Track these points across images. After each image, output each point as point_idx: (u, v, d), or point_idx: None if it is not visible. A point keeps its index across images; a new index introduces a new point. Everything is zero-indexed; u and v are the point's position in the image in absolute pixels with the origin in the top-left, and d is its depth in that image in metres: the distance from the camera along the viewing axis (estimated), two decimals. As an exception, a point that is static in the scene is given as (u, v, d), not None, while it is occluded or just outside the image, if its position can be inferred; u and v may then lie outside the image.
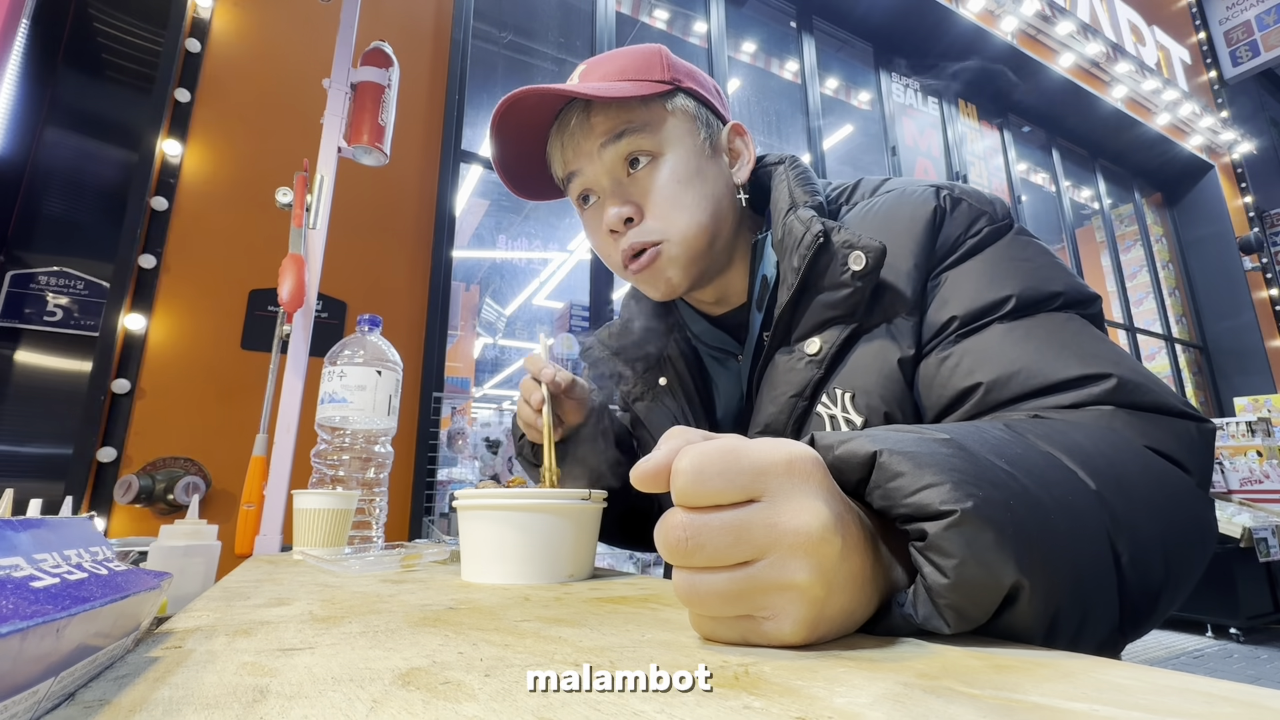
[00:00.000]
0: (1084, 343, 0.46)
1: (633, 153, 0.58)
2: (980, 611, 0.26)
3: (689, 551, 0.25)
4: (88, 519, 0.30)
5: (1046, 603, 0.27)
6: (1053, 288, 0.49)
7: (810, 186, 0.60)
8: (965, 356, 0.48)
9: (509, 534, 0.49)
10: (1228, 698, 0.18)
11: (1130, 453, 0.37)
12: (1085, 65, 4.58)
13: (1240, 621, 2.93)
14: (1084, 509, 0.31)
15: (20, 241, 1.77)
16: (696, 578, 0.26)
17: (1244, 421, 4.09)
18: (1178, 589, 0.35)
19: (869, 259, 0.50)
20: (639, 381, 0.70)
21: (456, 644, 0.28)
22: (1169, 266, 5.49)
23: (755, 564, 0.25)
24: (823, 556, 0.25)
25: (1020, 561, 0.25)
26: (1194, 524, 0.37)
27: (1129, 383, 0.42)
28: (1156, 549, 0.33)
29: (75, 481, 1.52)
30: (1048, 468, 0.31)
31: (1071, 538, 0.29)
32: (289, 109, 1.96)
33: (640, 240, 0.58)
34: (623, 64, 0.59)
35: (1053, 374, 0.43)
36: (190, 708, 0.20)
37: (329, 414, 0.85)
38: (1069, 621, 0.28)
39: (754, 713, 0.18)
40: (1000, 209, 0.55)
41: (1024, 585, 0.26)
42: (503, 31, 2.91)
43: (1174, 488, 0.37)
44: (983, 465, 0.28)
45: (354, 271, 1.99)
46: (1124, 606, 0.31)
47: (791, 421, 0.55)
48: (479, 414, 2.57)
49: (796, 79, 3.63)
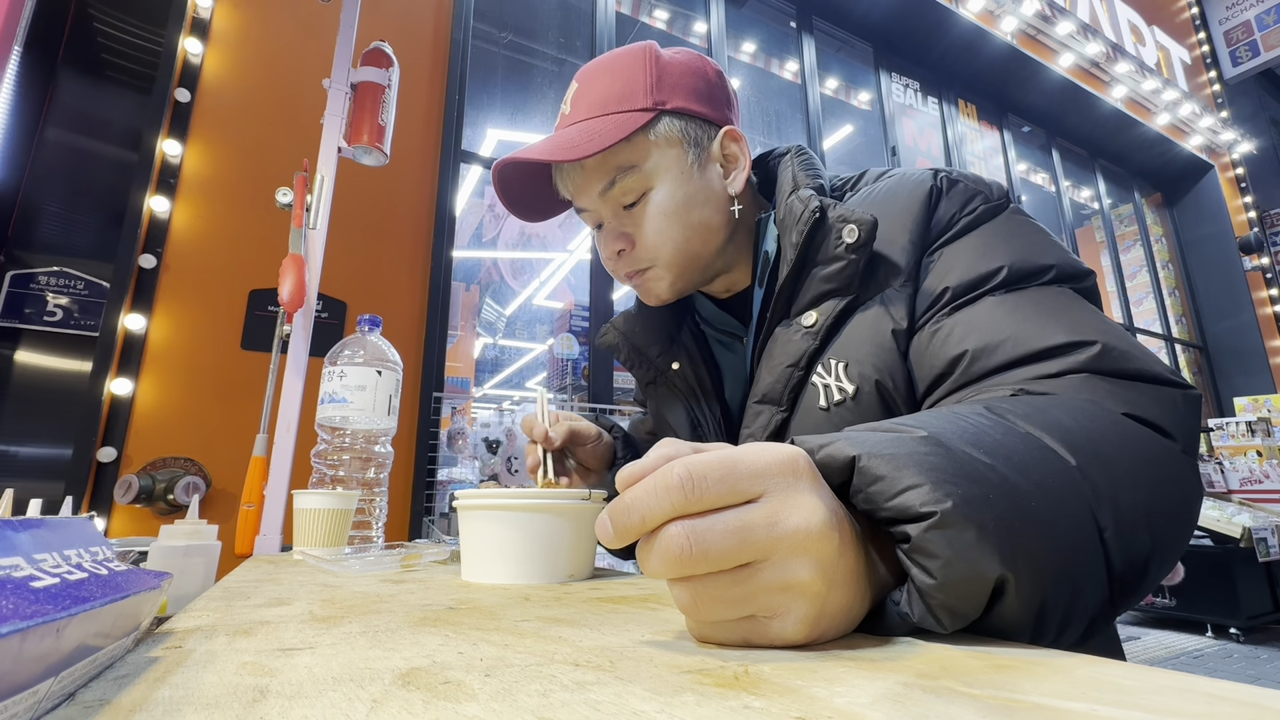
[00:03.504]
0: (1072, 313, 0.46)
1: (624, 193, 0.61)
2: (971, 608, 0.26)
3: (693, 559, 0.24)
4: (88, 519, 0.30)
5: (1033, 590, 0.27)
6: (1044, 260, 0.50)
7: (812, 171, 0.62)
8: (956, 327, 0.49)
9: (509, 534, 0.49)
10: (1228, 698, 0.18)
11: (1109, 423, 0.37)
12: (1085, 65, 4.59)
13: (1240, 621, 2.93)
14: (1063, 488, 0.31)
15: (20, 241, 1.78)
16: (699, 585, 0.25)
17: (1244, 421, 4.09)
18: (1165, 555, 0.35)
19: (861, 231, 0.52)
20: (651, 366, 0.72)
21: (456, 644, 0.28)
22: (1169, 266, 5.49)
23: (758, 564, 0.25)
24: (822, 552, 0.25)
25: (1003, 555, 0.26)
26: (1177, 489, 0.37)
27: (1113, 350, 0.42)
28: (1141, 518, 0.33)
29: (75, 481, 1.52)
30: (1027, 450, 0.32)
31: (1052, 521, 0.29)
32: (289, 109, 1.96)
33: (631, 268, 0.64)
34: (607, 92, 0.60)
35: (1038, 342, 0.44)
36: (190, 708, 0.20)
37: (329, 414, 0.85)
38: (1058, 602, 0.29)
39: (754, 713, 0.18)
40: (997, 190, 0.56)
41: (1009, 578, 0.26)
42: (503, 32, 2.91)
43: (1155, 455, 0.37)
44: (960, 460, 0.28)
45: (354, 271, 1.99)
46: (1113, 578, 0.31)
47: (787, 391, 0.56)
48: (479, 414, 2.57)
49: (796, 79, 3.63)
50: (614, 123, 0.58)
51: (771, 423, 0.57)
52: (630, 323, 0.74)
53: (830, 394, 0.53)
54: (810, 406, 0.55)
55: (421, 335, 2.07)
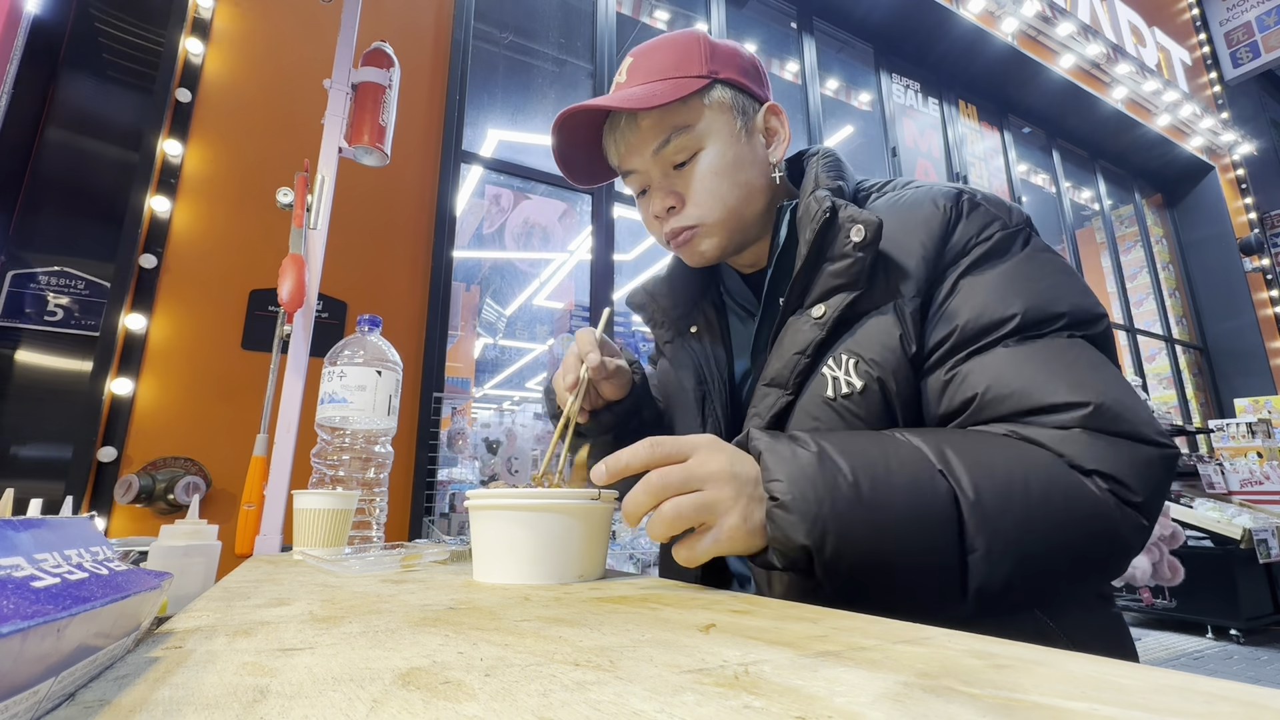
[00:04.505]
0: (1076, 369, 0.51)
1: (677, 151, 0.65)
2: (786, 560, 0.44)
3: (676, 521, 0.45)
4: (88, 519, 0.30)
5: (834, 564, 0.43)
6: (1057, 308, 0.54)
7: (834, 173, 0.67)
8: (970, 375, 0.54)
9: (521, 534, 0.49)
10: (1228, 697, 0.18)
11: (1044, 475, 0.46)
12: (1086, 66, 4.59)
13: (1240, 623, 2.93)
14: (916, 506, 0.44)
15: (21, 241, 1.78)
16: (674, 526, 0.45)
17: (1244, 423, 4.08)
18: (1037, 583, 0.45)
19: (868, 231, 0.57)
20: (672, 327, 0.78)
21: (456, 644, 0.28)
22: (1169, 268, 5.49)
23: (706, 523, 0.46)
24: (731, 510, 0.45)
25: (810, 533, 0.42)
26: (1094, 538, 0.45)
27: (1105, 410, 0.48)
28: (1022, 550, 0.44)
29: (75, 481, 1.52)
30: (912, 479, 0.44)
31: (879, 523, 0.43)
32: (290, 109, 1.97)
33: (679, 225, 0.67)
34: (664, 61, 0.66)
35: (1041, 399, 0.50)
36: (190, 708, 0.20)
37: (329, 414, 0.85)
38: (870, 582, 0.44)
39: (754, 712, 0.18)
40: (1016, 216, 0.60)
41: (812, 548, 0.42)
42: (503, 32, 2.91)
43: (1083, 507, 0.45)
44: (825, 471, 0.44)
45: (354, 271, 1.99)
46: (969, 585, 0.44)
47: (794, 377, 0.60)
48: (479, 414, 2.56)
49: (797, 80, 3.63)
50: (673, 85, 0.64)
51: (777, 405, 0.60)
52: (659, 285, 0.80)
53: (839, 386, 0.57)
54: (817, 393, 0.59)
55: (421, 335, 2.07)
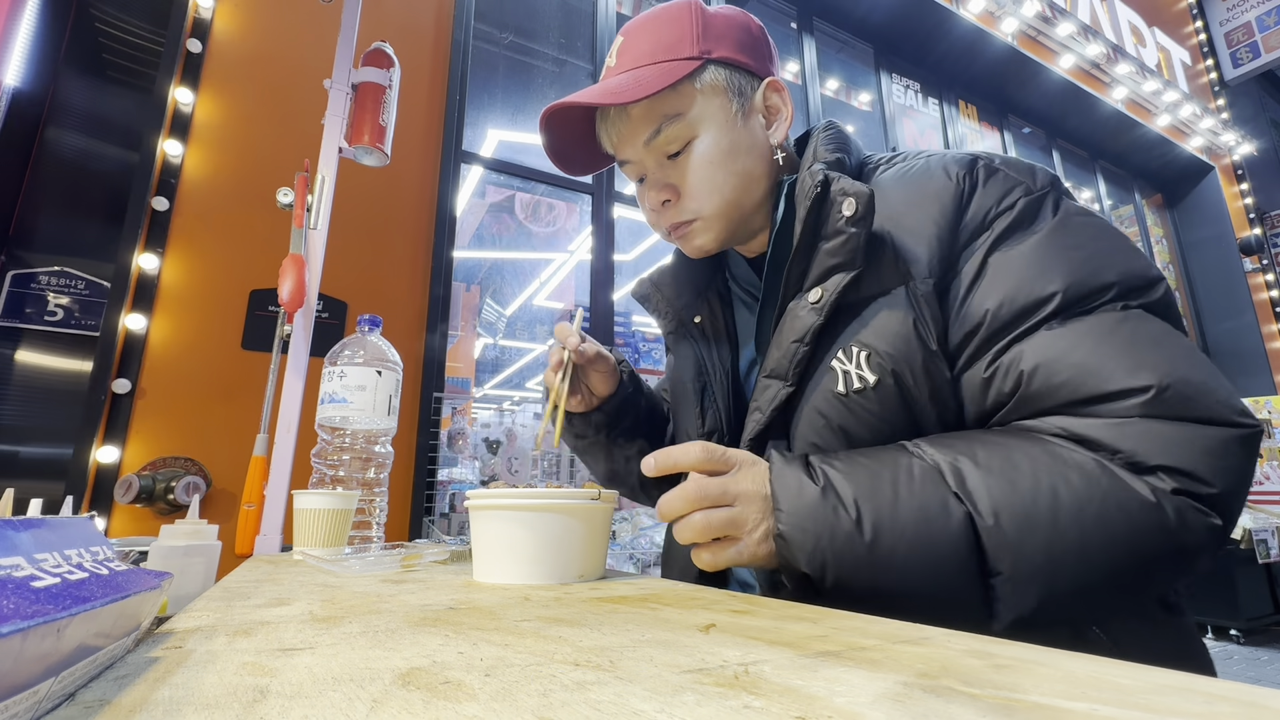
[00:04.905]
0: (1134, 347, 0.44)
1: (670, 141, 0.61)
2: (792, 582, 0.47)
3: (705, 529, 0.48)
4: (88, 519, 0.30)
5: (837, 589, 0.45)
6: (1104, 278, 0.47)
7: (834, 145, 0.62)
8: (1012, 367, 0.48)
9: (521, 534, 0.49)
10: (1228, 697, 0.18)
11: (1080, 487, 0.41)
12: (1085, 66, 4.58)
13: (1240, 623, 2.93)
14: (922, 536, 0.43)
15: (21, 241, 1.78)
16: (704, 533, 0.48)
17: (1244, 423, 4.08)
18: (1075, 603, 0.42)
19: (859, 204, 0.52)
20: (675, 316, 0.74)
21: (456, 644, 0.28)
22: (1169, 268, 5.48)
23: (733, 535, 0.49)
24: (757, 527, 0.48)
25: (809, 563, 0.45)
26: (1136, 550, 0.41)
27: (1169, 393, 0.42)
28: (1040, 572, 0.41)
29: (75, 481, 1.52)
30: (909, 505, 0.44)
31: (882, 557, 0.44)
32: (290, 109, 1.96)
33: (676, 219, 0.64)
34: (654, 43, 0.61)
35: (1095, 386, 0.44)
36: (190, 708, 0.20)
37: (329, 414, 0.85)
38: (886, 599, 0.42)
39: (754, 713, 0.18)
40: (1041, 178, 0.54)
41: (813, 576, 0.45)
42: (503, 32, 2.91)
43: (1127, 520, 0.40)
44: (828, 505, 0.45)
45: (354, 271, 1.99)
46: (994, 601, 0.43)
47: (793, 367, 0.56)
48: (479, 414, 2.56)
49: (797, 80, 3.63)
50: (661, 70, 0.59)
51: (778, 398, 0.56)
52: (663, 275, 0.78)
53: (850, 381, 0.53)
54: (828, 389, 0.54)
55: (422, 335, 2.07)
